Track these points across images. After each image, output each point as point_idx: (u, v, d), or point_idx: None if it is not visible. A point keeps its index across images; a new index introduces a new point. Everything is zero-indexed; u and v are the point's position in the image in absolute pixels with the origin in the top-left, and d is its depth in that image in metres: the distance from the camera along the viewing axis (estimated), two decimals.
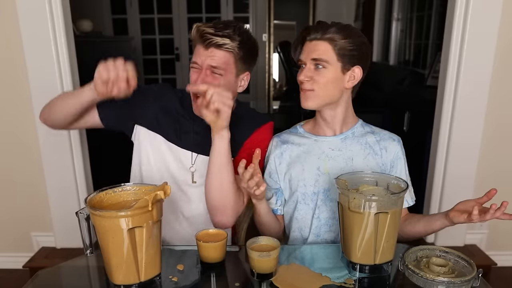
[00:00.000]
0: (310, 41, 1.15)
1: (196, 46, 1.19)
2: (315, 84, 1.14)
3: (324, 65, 1.13)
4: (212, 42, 1.14)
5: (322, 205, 1.22)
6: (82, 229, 0.95)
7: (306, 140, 1.26)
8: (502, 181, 2.19)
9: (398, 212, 0.96)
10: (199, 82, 1.15)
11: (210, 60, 1.16)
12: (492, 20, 1.96)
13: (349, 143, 1.23)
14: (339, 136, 1.23)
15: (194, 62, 1.18)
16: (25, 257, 2.16)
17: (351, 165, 1.21)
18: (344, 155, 1.22)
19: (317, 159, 1.22)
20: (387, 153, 1.22)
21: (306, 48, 1.16)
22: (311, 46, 1.14)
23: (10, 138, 2.06)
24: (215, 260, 0.99)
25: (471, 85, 2.03)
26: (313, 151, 1.23)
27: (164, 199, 0.90)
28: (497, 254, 2.22)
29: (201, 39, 1.15)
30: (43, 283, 1.00)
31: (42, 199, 2.16)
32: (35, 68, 1.97)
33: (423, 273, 0.89)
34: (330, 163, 1.21)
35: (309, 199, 1.23)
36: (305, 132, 1.28)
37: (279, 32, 5.89)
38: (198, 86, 1.09)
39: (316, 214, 1.23)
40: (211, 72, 1.17)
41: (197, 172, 1.28)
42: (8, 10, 1.91)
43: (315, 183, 1.22)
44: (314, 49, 1.14)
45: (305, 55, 1.16)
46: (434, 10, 3.85)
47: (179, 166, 1.28)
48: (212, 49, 1.15)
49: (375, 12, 5.12)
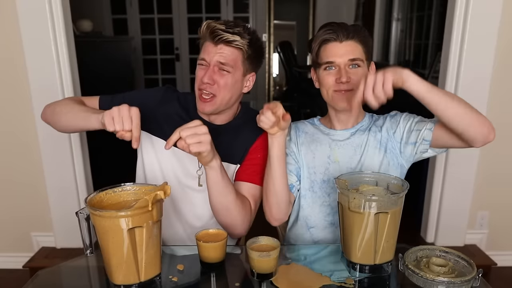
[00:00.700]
0: (340, 42, 1.15)
1: (204, 43, 1.19)
2: (354, 84, 1.15)
3: (360, 64, 1.16)
4: (222, 38, 1.14)
5: (333, 192, 1.24)
6: (82, 229, 0.95)
7: (318, 131, 1.29)
8: (502, 181, 2.19)
9: (398, 212, 0.96)
10: (206, 78, 1.16)
11: (219, 56, 1.15)
12: (492, 20, 1.96)
13: (358, 135, 1.26)
14: (349, 129, 1.26)
15: (202, 59, 1.18)
16: (25, 257, 2.17)
17: (359, 152, 1.24)
18: (353, 143, 1.25)
19: (328, 148, 1.25)
20: (382, 131, 1.24)
21: (336, 49, 1.16)
22: (343, 46, 1.15)
23: (10, 138, 2.06)
24: (215, 260, 0.99)
25: (471, 85, 2.03)
26: (324, 141, 1.27)
27: (164, 199, 0.90)
28: (497, 254, 2.22)
29: (212, 35, 1.15)
30: (43, 283, 1.00)
31: (42, 199, 2.17)
32: (35, 68, 1.97)
33: (423, 273, 0.89)
34: (339, 151, 1.24)
35: (317, 187, 1.26)
36: (320, 124, 1.31)
37: (279, 32, 5.90)
38: (169, 141, 1.01)
39: (327, 202, 1.25)
40: (219, 69, 1.16)
41: (204, 175, 1.27)
42: (8, 10, 1.92)
43: (325, 171, 1.25)
44: (346, 49, 1.15)
45: (338, 55, 1.15)
46: (434, 10, 3.85)
47: (185, 172, 1.26)
48: (222, 46, 1.15)
49: (375, 12, 5.12)
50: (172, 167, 1.27)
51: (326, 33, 1.16)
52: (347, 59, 1.15)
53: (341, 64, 1.15)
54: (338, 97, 1.18)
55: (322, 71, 1.19)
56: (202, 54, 1.18)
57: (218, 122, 1.28)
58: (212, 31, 1.15)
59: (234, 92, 1.21)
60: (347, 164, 1.24)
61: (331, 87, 1.18)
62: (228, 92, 1.19)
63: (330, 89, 1.18)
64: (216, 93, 1.18)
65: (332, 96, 1.19)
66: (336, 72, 1.16)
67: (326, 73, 1.18)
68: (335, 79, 1.16)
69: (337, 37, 1.15)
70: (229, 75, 1.18)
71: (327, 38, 1.16)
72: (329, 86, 1.18)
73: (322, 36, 1.17)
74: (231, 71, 1.17)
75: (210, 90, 1.17)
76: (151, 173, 1.28)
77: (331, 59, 1.16)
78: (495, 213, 2.25)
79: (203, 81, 1.17)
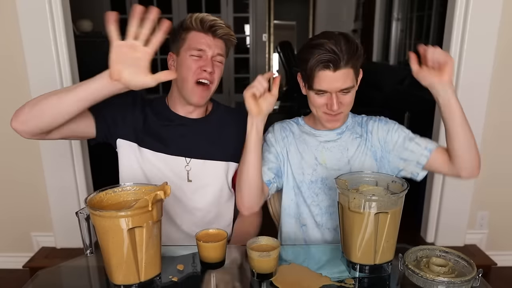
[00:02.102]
0: (334, 72, 1.12)
1: (193, 34, 1.21)
2: (344, 107, 1.18)
3: (351, 90, 1.17)
4: (221, 32, 1.21)
5: (321, 193, 1.27)
6: (82, 229, 0.95)
7: (305, 133, 1.30)
8: (502, 181, 2.19)
9: (398, 212, 0.96)
10: (209, 67, 1.20)
11: (218, 48, 1.21)
12: (492, 20, 1.96)
13: (343, 135, 1.28)
14: (335, 130, 1.27)
15: (200, 50, 1.20)
16: (25, 257, 2.17)
17: (346, 155, 1.26)
18: (340, 145, 1.27)
19: (315, 150, 1.27)
20: (372, 135, 1.27)
21: (329, 79, 1.13)
22: (336, 76, 1.12)
23: (10, 138, 2.05)
24: (215, 260, 0.99)
25: (471, 85, 2.03)
26: (311, 143, 1.28)
27: (164, 199, 0.90)
28: (497, 254, 2.22)
29: (211, 29, 1.20)
30: (43, 283, 1.00)
31: (42, 199, 2.17)
32: (35, 68, 1.97)
33: (423, 273, 0.88)
34: (326, 154, 1.26)
35: (305, 187, 1.27)
36: (305, 124, 1.32)
37: (279, 32, 5.90)
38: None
39: (316, 202, 1.27)
40: (215, 60, 1.22)
41: (192, 170, 1.28)
42: (8, 10, 1.92)
43: (313, 172, 1.27)
44: (339, 79, 1.12)
45: (330, 85, 1.13)
46: (434, 10, 3.85)
47: (172, 173, 1.27)
48: (218, 39, 1.22)
49: (375, 12, 5.12)
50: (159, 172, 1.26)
51: (321, 61, 1.11)
52: (339, 89, 1.14)
53: (333, 91, 1.15)
54: (327, 118, 1.20)
55: (312, 92, 1.18)
56: (199, 45, 1.20)
57: (195, 116, 1.31)
58: (212, 25, 1.20)
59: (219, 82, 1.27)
60: (334, 166, 1.26)
61: (320, 108, 1.19)
62: (218, 82, 1.26)
63: (319, 109, 1.20)
64: (212, 82, 1.23)
65: (321, 116, 1.21)
66: (327, 97, 1.16)
67: (317, 96, 1.18)
68: (326, 104, 1.17)
69: (331, 66, 1.11)
70: (221, 66, 1.25)
71: (321, 67, 1.12)
72: (319, 107, 1.19)
73: (316, 64, 1.12)
74: (223, 62, 1.25)
75: (209, 78, 1.21)
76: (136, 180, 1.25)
77: (324, 88, 1.15)
78: (495, 213, 2.25)
79: (206, 70, 1.20)
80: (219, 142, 1.31)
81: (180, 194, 1.28)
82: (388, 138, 1.25)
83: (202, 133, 1.30)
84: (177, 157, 1.27)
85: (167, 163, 1.26)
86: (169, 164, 1.26)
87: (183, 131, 1.28)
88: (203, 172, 1.29)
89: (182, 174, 1.27)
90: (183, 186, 1.28)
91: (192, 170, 1.28)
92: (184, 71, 1.21)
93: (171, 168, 1.27)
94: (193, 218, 1.30)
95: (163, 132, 1.27)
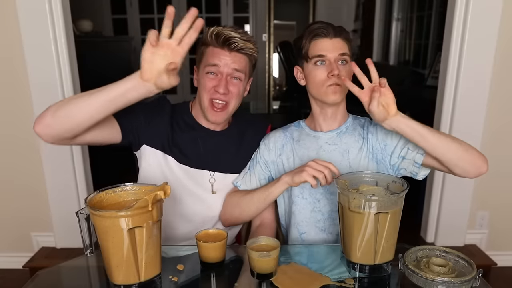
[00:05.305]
0: (330, 38, 1.17)
1: (210, 49, 1.17)
2: (342, 80, 1.16)
3: (347, 60, 1.19)
4: (238, 46, 1.15)
5: (323, 198, 1.25)
6: (82, 229, 0.95)
7: (306, 136, 1.29)
8: (502, 181, 2.19)
9: (398, 212, 0.96)
10: (221, 88, 1.16)
11: (234, 64, 1.16)
12: (492, 20, 1.96)
13: (344, 137, 1.26)
14: (334, 131, 1.26)
15: (214, 65, 1.16)
16: (25, 257, 2.17)
17: (347, 158, 1.24)
18: (340, 148, 1.25)
19: (315, 154, 1.25)
20: (373, 136, 1.25)
21: (326, 44, 1.17)
22: (333, 42, 1.18)
23: (10, 138, 2.06)
24: (215, 260, 0.99)
25: (471, 85, 2.03)
26: (311, 147, 1.27)
27: (164, 199, 0.90)
28: (497, 254, 2.22)
29: (226, 43, 1.15)
30: (43, 283, 1.00)
31: (42, 199, 2.16)
32: (35, 68, 1.97)
33: (423, 273, 0.88)
34: (327, 157, 1.24)
35: (307, 193, 1.26)
36: (306, 126, 1.32)
37: (279, 32, 5.89)
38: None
39: (318, 208, 1.25)
40: (231, 77, 1.18)
41: (216, 183, 1.28)
42: (8, 10, 1.92)
43: None
44: (336, 45, 1.18)
45: (328, 49, 1.17)
46: (434, 10, 3.85)
47: (197, 186, 1.27)
48: (236, 53, 1.16)
49: (375, 12, 5.12)
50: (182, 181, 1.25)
51: (317, 29, 1.18)
52: (337, 54, 1.17)
53: (332, 58, 1.17)
54: (331, 90, 1.18)
55: (311, 66, 1.19)
56: (212, 60, 1.16)
57: (218, 128, 1.29)
58: (227, 39, 1.14)
59: (241, 98, 1.23)
60: None
61: (324, 83, 1.18)
62: (238, 99, 1.21)
63: (324, 84, 1.18)
64: (228, 102, 1.19)
65: (325, 91, 1.19)
66: (327, 66, 1.18)
67: (316, 67, 1.18)
68: (327, 74, 1.17)
69: (327, 33, 1.17)
70: (240, 83, 1.19)
71: (318, 33, 1.18)
72: (322, 82, 1.18)
73: (313, 32, 1.18)
74: (242, 78, 1.19)
75: (224, 99, 1.18)
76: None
77: (322, 53, 1.17)
78: (495, 213, 2.25)
79: (218, 91, 1.16)
80: (240, 155, 1.30)
81: (204, 206, 1.28)
82: (389, 141, 1.23)
83: (224, 145, 1.29)
84: (201, 170, 1.26)
85: (191, 175, 1.26)
86: (193, 176, 1.26)
87: (206, 145, 1.27)
88: (225, 184, 1.30)
89: (206, 186, 1.27)
90: (208, 199, 1.28)
91: (216, 182, 1.28)
92: (201, 88, 1.20)
93: (195, 180, 1.26)
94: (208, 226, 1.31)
95: (188, 143, 1.25)
